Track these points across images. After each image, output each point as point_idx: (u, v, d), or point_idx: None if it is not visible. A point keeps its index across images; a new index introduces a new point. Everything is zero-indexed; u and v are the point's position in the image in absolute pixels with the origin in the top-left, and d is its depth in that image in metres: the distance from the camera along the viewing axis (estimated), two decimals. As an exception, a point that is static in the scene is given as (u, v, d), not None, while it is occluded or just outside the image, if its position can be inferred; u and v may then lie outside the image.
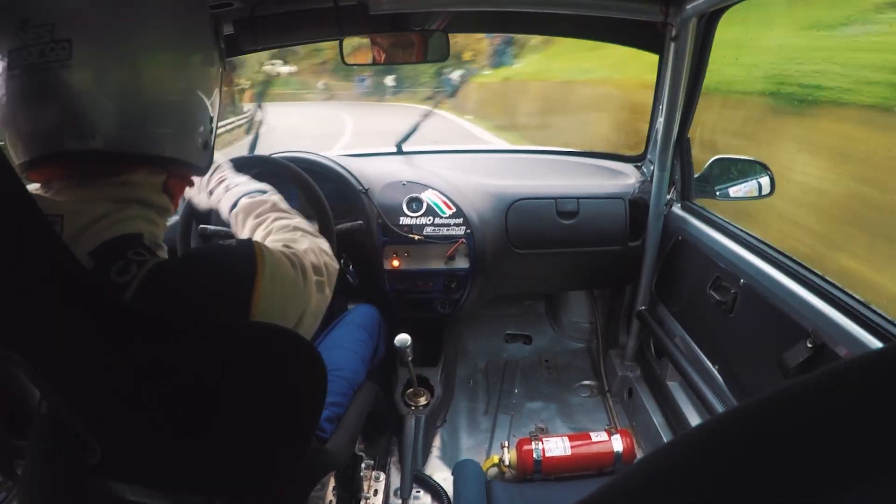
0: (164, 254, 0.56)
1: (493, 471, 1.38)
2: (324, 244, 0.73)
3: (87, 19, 0.49)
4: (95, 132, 0.51)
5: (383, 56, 1.26)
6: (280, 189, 1.31)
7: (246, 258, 0.54)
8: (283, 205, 0.82)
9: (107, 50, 0.50)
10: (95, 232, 0.51)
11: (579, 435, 1.37)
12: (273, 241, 0.69)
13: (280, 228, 0.74)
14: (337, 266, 0.73)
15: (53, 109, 0.50)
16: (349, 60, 1.27)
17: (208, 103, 0.60)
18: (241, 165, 1.35)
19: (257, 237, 0.75)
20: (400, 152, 1.77)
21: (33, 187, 0.56)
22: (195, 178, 0.87)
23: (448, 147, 1.81)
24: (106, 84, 0.50)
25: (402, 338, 1.29)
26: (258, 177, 0.94)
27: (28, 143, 0.52)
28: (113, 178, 0.54)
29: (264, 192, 0.84)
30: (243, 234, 0.79)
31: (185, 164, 0.59)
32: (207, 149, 0.62)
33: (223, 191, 0.86)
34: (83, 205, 0.52)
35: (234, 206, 0.82)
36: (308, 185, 1.17)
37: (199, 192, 0.92)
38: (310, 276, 0.63)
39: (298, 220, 0.77)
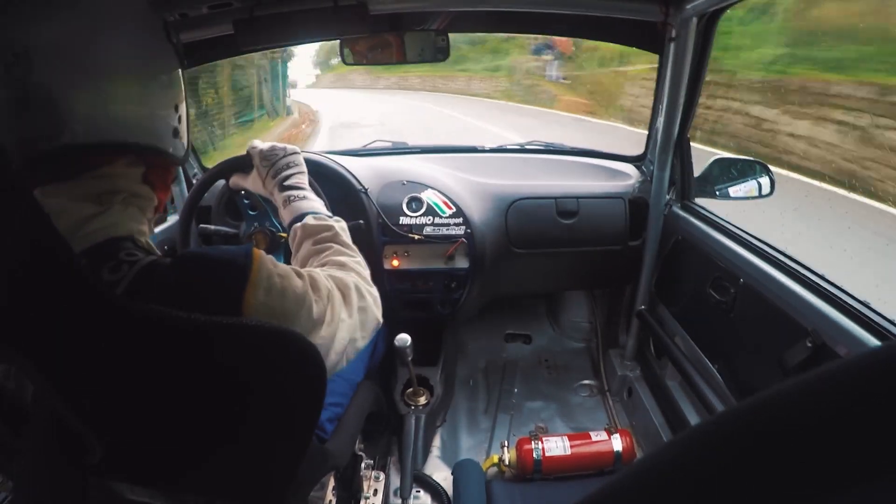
0: (156, 254, 0.57)
1: (493, 470, 1.38)
2: (374, 291, 0.73)
3: (43, 32, 0.51)
4: (63, 128, 0.53)
5: (382, 56, 1.26)
6: None
7: (239, 264, 0.54)
8: (346, 236, 0.80)
9: (65, 56, 0.52)
10: (85, 234, 0.52)
11: (579, 434, 1.38)
12: (322, 272, 0.68)
13: (335, 264, 0.73)
14: (378, 318, 0.72)
15: (23, 118, 0.52)
16: (349, 60, 1.27)
17: (171, 94, 0.62)
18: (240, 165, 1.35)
19: (311, 264, 0.74)
20: (400, 151, 1.77)
21: None
22: (254, 176, 0.91)
23: (448, 146, 1.81)
24: (68, 86, 0.52)
25: (402, 337, 1.29)
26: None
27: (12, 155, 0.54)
28: (92, 170, 0.55)
29: (330, 216, 0.83)
30: (298, 253, 0.78)
31: (159, 152, 0.60)
32: (178, 136, 0.63)
33: (293, 196, 0.84)
34: (69, 204, 0.53)
35: (299, 219, 0.81)
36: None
37: (262, 175, 0.89)
38: (329, 298, 0.62)
39: (356, 259, 0.76)
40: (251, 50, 1.52)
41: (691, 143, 1.42)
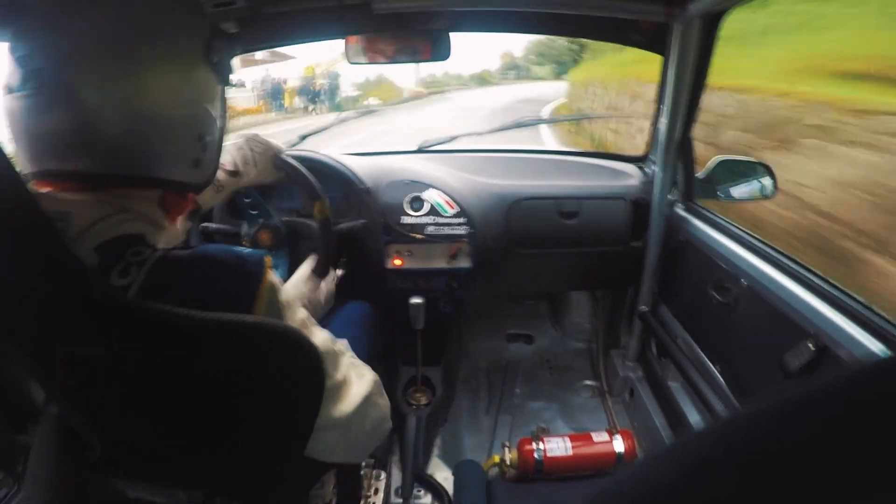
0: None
1: (494, 470, 1.38)
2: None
3: (57, 50, 0.50)
4: (73, 153, 0.52)
5: (386, 55, 1.26)
6: (282, 188, 1.32)
7: (254, 269, 0.53)
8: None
9: (73, 79, 0.50)
10: (100, 229, 0.51)
11: (581, 435, 1.37)
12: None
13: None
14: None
15: (31, 132, 0.52)
16: (352, 60, 1.27)
17: (196, 126, 0.59)
18: None
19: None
20: (401, 151, 1.77)
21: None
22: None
23: (450, 147, 1.81)
24: (74, 110, 0.50)
25: (417, 301, 1.36)
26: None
27: (22, 159, 0.54)
28: (108, 189, 0.55)
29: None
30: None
31: (175, 183, 0.59)
32: (200, 166, 0.61)
33: None
34: (89, 205, 0.52)
35: None
36: (308, 183, 1.17)
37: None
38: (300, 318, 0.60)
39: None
40: (253, 49, 1.52)
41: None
